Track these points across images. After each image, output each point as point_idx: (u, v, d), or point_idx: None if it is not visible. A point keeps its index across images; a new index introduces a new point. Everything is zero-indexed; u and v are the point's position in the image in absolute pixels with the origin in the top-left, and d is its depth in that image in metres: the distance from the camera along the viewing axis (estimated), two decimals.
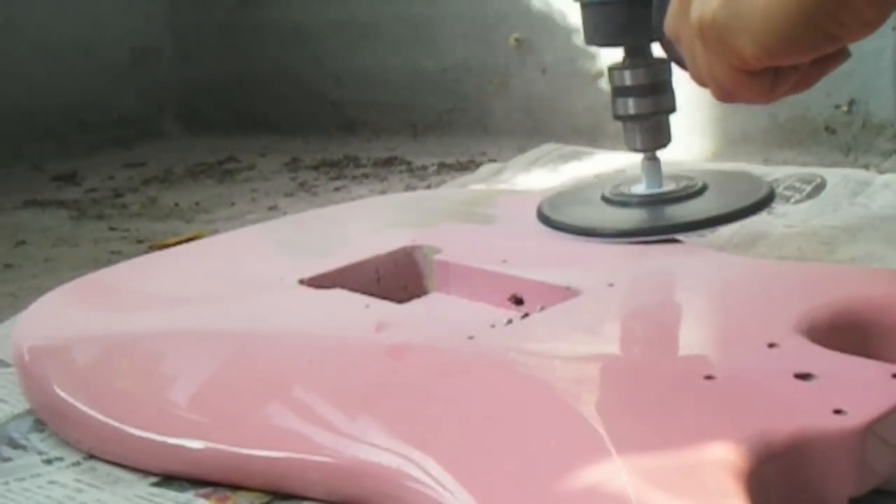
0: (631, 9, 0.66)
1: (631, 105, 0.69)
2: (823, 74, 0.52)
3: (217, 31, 1.59)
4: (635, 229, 0.67)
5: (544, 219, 0.70)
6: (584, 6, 0.69)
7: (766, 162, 1.10)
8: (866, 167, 1.04)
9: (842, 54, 0.50)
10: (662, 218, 0.68)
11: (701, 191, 0.70)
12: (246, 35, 1.56)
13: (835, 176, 0.86)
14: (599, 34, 0.69)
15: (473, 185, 1.01)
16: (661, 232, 0.66)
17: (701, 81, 0.53)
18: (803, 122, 1.13)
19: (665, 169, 0.71)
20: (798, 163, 1.08)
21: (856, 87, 1.10)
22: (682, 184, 0.70)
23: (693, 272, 0.61)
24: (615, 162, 1.01)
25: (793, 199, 0.83)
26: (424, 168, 1.25)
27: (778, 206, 0.82)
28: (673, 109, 0.70)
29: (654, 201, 0.70)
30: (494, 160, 1.18)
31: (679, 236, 0.66)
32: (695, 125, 1.17)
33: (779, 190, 0.84)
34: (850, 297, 0.53)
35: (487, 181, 1.02)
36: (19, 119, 1.45)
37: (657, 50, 0.67)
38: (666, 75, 0.69)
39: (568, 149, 1.10)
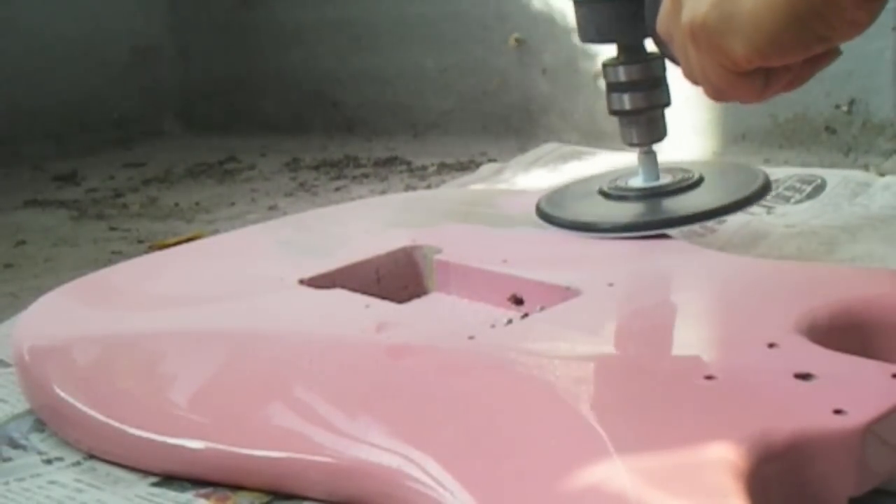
0: (624, 6, 0.66)
1: (626, 100, 0.69)
2: (815, 73, 0.52)
3: (217, 31, 1.59)
4: (634, 223, 0.67)
5: (543, 215, 0.70)
6: (577, 4, 0.69)
7: (767, 162, 1.10)
8: (866, 167, 1.04)
9: (832, 53, 0.51)
10: (661, 211, 0.68)
11: (698, 183, 0.70)
12: (246, 35, 1.56)
13: (835, 177, 0.86)
14: (593, 31, 0.69)
15: (473, 185, 1.01)
16: (660, 226, 0.66)
17: (694, 81, 0.54)
18: (803, 121, 1.13)
19: (661, 162, 0.71)
20: (798, 163, 1.08)
21: (856, 87, 1.10)
22: (679, 176, 0.71)
23: (693, 272, 0.61)
24: (616, 161, 1.01)
25: (793, 200, 0.83)
26: (424, 168, 1.25)
27: (778, 207, 0.82)
28: (668, 104, 0.70)
29: (651, 194, 0.70)
30: (494, 160, 1.18)
31: (677, 232, 0.67)
32: (695, 125, 1.17)
33: (779, 190, 0.84)
34: (849, 297, 0.53)
35: (487, 181, 1.02)
36: (19, 119, 1.45)
37: (651, 45, 0.67)
38: (660, 71, 0.69)
39: (568, 148, 1.10)
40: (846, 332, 0.51)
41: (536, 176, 1.02)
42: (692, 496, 0.38)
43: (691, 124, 1.16)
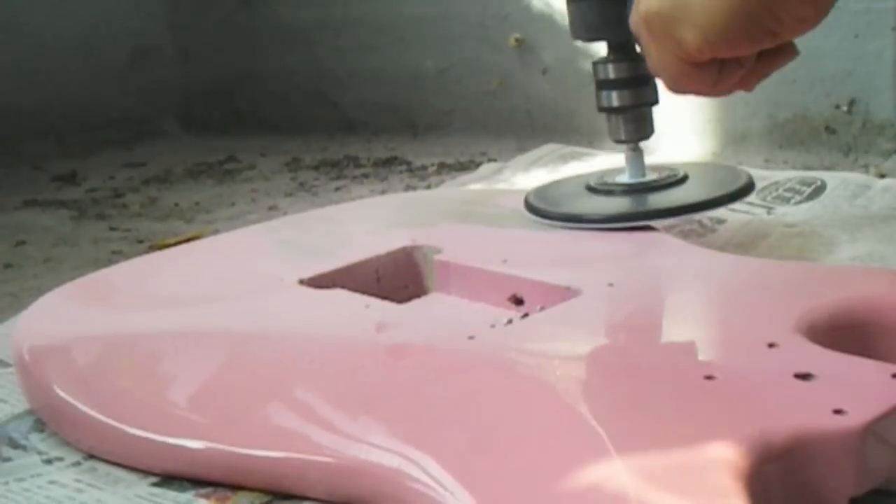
0: (612, 5, 0.67)
1: (614, 97, 0.71)
2: (770, 71, 0.53)
3: (218, 31, 1.59)
4: (619, 215, 0.69)
5: (531, 208, 0.72)
6: (569, 2, 0.71)
7: (767, 162, 1.10)
8: (866, 167, 1.04)
9: (788, 52, 0.52)
10: (645, 205, 0.70)
11: (682, 180, 0.72)
12: (246, 35, 1.56)
13: (835, 179, 0.87)
14: (584, 29, 0.71)
15: (473, 184, 1.01)
16: (643, 217, 0.68)
17: (655, 73, 0.55)
18: (803, 122, 1.13)
19: (649, 162, 0.73)
20: (798, 163, 1.08)
21: (856, 87, 1.10)
22: (665, 174, 0.73)
23: (693, 272, 0.61)
24: (615, 162, 1.01)
25: (793, 201, 0.83)
26: (424, 168, 1.25)
27: (778, 207, 0.82)
28: (655, 101, 0.72)
29: (637, 190, 0.72)
30: (494, 160, 1.18)
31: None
32: (695, 125, 1.17)
33: (779, 192, 0.85)
34: (849, 297, 0.53)
35: (487, 181, 1.02)
36: (19, 119, 1.45)
37: None
38: (648, 68, 0.71)
39: (568, 149, 1.10)
40: (846, 332, 0.51)
41: (536, 176, 1.02)
42: (692, 496, 0.38)
43: (690, 125, 1.16)
